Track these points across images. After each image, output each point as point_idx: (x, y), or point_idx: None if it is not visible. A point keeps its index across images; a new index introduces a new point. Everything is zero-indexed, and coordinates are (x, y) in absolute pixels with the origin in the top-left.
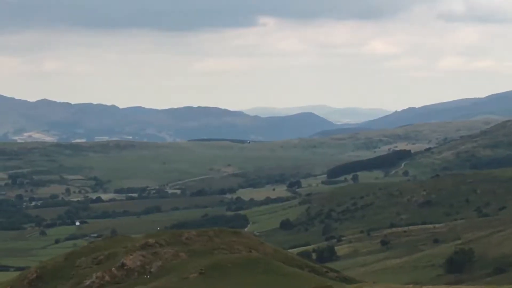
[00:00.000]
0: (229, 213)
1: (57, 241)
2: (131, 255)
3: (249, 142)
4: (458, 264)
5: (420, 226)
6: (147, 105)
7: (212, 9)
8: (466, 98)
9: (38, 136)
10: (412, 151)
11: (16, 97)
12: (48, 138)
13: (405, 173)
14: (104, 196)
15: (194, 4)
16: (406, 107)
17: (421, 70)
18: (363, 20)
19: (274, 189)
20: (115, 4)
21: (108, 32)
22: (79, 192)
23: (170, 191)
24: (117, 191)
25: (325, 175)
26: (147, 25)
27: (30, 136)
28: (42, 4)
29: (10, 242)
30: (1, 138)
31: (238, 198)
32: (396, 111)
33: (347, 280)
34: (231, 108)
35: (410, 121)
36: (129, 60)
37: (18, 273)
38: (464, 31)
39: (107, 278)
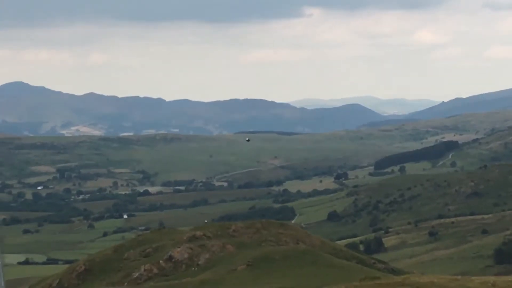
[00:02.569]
0: (276, 205)
1: (105, 234)
2: (178, 247)
3: (248, 140)
4: (507, 254)
5: (468, 217)
6: (194, 97)
7: (257, 0)
8: None
9: (86, 129)
10: (459, 142)
11: (64, 91)
12: (95, 132)
13: (453, 164)
14: (152, 189)
15: None
16: (453, 97)
17: (468, 60)
18: (410, 10)
19: (321, 181)
20: None
21: (155, 25)
22: (127, 185)
23: (217, 183)
24: (164, 184)
25: (372, 167)
26: (193, 17)
27: (77, 130)
28: None
29: (59, 235)
30: (49, 132)
31: (285, 190)
32: (443, 102)
33: (394, 271)
34: (278, 100)
35: (458, 112)
36: (176, 53)
37: (66, 266)
38: (511, 20)
39: (155, 270)
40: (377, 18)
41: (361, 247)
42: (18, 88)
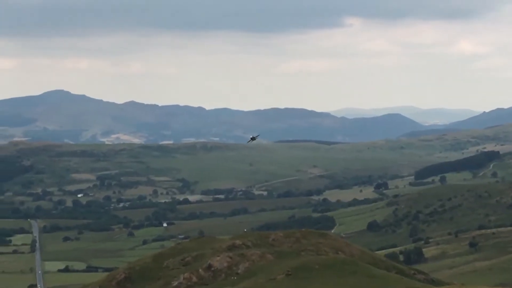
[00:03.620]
0: (316, 215)
1: (144, 242)
2: (218, 256)
3: (253, 138)
4: None
5: (509, 228)
6: (234, 106)
7: (298, 10)
8: None
9: (126, 137)
10: (500, 152)
11: (104, 99)
12: (135, 140)
13: (494, 175)
14: (191, 198)
15: (280, 5)
16: (494, 107)
17: (510, 70)
18: (451, 20)
19: (361, 191)
20: (202, 6)
21: (195, 34)
22: (167, 193)
23: (256, 192)
24: (204, 193)
25: (413, 177)
26: (233, 27)
27: (118, 138)
28: (130, 8)
29: (99, 243)
30: (89, 140)
31: (324, 199)
32: (484, 112)
33: (435, 282)
34: (318, 109)
35: (499, 122)
36: (216, 62)
37: (106, 273)
38: None
39: (194, 279)
40: (418, 28)
41: (401, 258)
42: (59, 96)
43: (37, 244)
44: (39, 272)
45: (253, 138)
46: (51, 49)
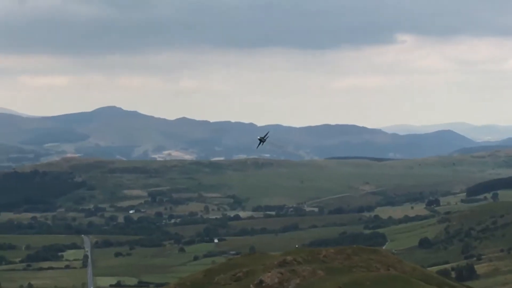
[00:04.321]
0: (367, 231)
1: (196, 258)
2: (269, 272)
3: (262, 140)
4: None
5: None
6: (285, 123)
7: (350, 27)
8: None
9: (177, 154)
10: None
11: (156, 116)
12: (187, 156)
13: None
14: (242, 214)
15: (333, 22)
16: None
17: None
18: (504, 37)
19: (412, 207)
20: (254, 23)
21: (247, 51)
22: (218, 209)
23: (307, 209)
24: (255, 209)
25: (465, 193)
26: (286, 44)
27: (169, 154)
28: (183, 25)
29: (150, 258)
30: (141, 156)
31: (376, 216)
32: None
33: None
34: (370, 125)
35: None
36: (267, 78)
37: None
38: None
39: None
40: (471, 45)
41: (453, 274)
42: (111, 113)
43: (89, 260)
44: (91, 287)
45: (262, 140)
46: (103, 66)
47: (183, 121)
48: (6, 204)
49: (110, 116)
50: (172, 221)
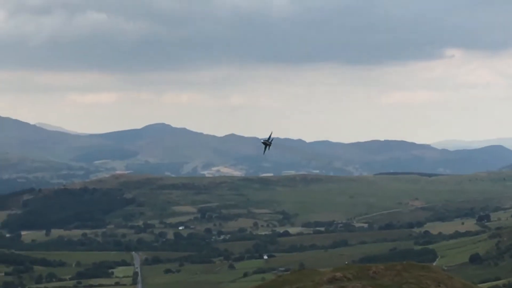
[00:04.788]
0: (417, 247)
1: (245, 275)
2: None
3: (266, 143)
4: None
5: None
6: (334, 139)
7: (397, 42)
8: None
9: (226, 170)
10: None
11: (205, 132)
12: (236, 173)
13: None
14: (292, 230)
15: (380, 37)
16: None
17: None
18: None
19: (463, 223)
20: (302, 39)
21: (295, 67)
22: (267, 225)
23: (357, 224)
24: (304, 225)
25: None
26: (333, 59)
27: (218, 171)
28: (230, 41)
29: (200, 275)
30: (190, 173)
31: (426, 232)
32: None
33: None
34: (418, 141)
35: None
36: (315, 94)
37: None
38: None
39: None
40: None
41: None
42: (160, 130)
43: (139, 277)
44: None
45: (266, 143)
46: (151, 82)
47: (232, 137)
48: (57, 221)
49: (159, 133)
50: (222, 237)
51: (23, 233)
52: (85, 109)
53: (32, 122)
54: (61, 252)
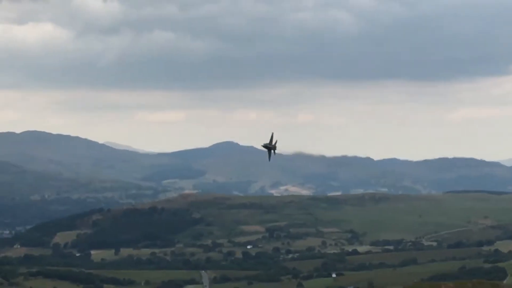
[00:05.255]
0: (487, 265)
1: None
2: None
3: (270, 147)
4: None
5: None
6: (402, 156)
7: (465, 58)
8: None
9: (294, 189)
10: None
11: None
12: (304, 191)
13: None
14: (360, 249)
15: (447, 53)
16: None
17: None
18: None
19: None
20: (368, 56)
21: (362, 84)
22: (335, 244)
23: (426, 243)
24: (373, 243)
25: None
26: (399, 76)
27: (286, 190)
28: (297, 58)
29: None
30: (258, 192)
31: (496, 250)
32: None
33: None
34: (488, 158)
35: None
36: (381, 111)
37: None
38: None
39: None
40: None
41: None
42: (228, 148)
43: None
44: None
45: (268, 147)
46: (219, 101)
47: (299, 156)
48: (126, 240)
49: (226, 151)
50: (290, 256)
51: (92, 252)
52: (153, 127)
53: (100, 141)
54: (130, 270)
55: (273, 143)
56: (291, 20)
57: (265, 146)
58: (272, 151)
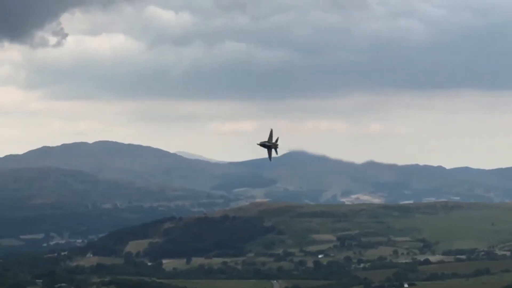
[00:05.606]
0: None
1: None
2: None
3: (270, 143)
4: None
5: None
6: (474, 165)
7: None
8: None
9: (366, 198)
10: None
11: (344, 160)
12: (375, 200)
13: None
14: (432, 258)
15: None
16: None
17: None
18: None
19: None
20: (440, 65)
21: (434, 93)
22: (407, 253)
23: (499, 252)
24: (445, 253)
25: None
26: (472, 85)
27: (357, 198)
28: (369, 68)
29: None
30: (329, 200)
31: None
32: None
33: None
34: None
35: None
36: (454, 120)
37: None
38: None
39: None
40: None
41: None
42: (299, 157)
43: None
44: None
45: (265, 146)
46: (290, 110)
47: (371, 164)
48: (197, 249)
49: (298, 160)
50: (361, 265)
51: (164, 261)
52: (224, 137)
53: (172, 151)
54: (202, 280)
55: (273, 140)
56: (361, 30)
57: (262, 144)
58: (273, 150)
